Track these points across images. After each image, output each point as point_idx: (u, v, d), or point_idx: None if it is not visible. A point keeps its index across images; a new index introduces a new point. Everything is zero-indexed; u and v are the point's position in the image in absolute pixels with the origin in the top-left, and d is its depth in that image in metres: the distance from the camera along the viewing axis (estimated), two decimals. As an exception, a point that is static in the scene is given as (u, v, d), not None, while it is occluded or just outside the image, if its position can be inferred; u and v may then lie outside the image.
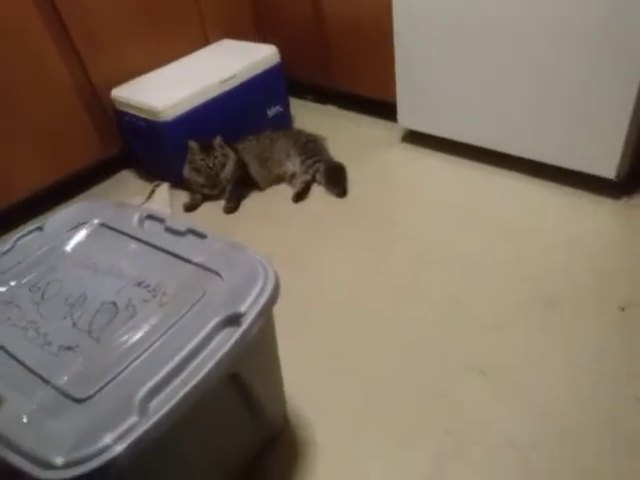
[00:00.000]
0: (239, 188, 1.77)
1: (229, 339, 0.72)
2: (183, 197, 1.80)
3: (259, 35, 2.27)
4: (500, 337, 1.18)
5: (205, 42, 2.12)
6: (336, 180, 1.73)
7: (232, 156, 1.75)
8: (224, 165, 1.73)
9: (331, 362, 1.19)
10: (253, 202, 1.76)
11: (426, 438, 1.01)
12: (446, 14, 1.53)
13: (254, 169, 1.79)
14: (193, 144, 1.69)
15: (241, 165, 1.77)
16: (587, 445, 0.96)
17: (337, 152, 1.86)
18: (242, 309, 0.75)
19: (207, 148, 1.70)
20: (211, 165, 1.70)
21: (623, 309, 1.19)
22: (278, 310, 0.83)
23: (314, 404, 1.09)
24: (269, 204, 1.75)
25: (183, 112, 1.68)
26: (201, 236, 0.90)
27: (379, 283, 1.37)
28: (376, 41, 1.83)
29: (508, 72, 1.50)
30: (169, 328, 0.75)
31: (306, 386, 1.12)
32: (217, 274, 0.82)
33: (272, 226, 1.64)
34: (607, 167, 1.45)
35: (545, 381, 1.08)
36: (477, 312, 1.24)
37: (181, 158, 1.73)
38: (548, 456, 0.96)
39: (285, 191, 1.77)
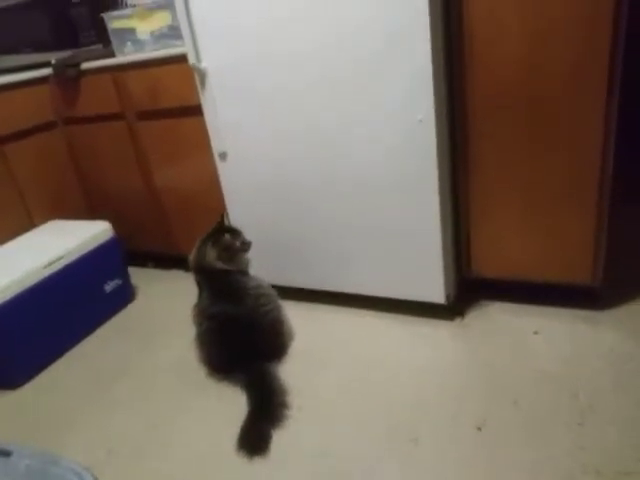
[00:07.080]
0: None
1: None
2: (8, 395, 1.55)
3: (92, 212, 2.24)
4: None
5: (31, 225, 2.03)
6: None
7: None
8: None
9: None
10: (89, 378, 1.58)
11: None
12: (264, 182, 1.69)
13: None
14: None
15: None
16: None
17: (185, 315, 1.80)
18: None
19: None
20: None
21: (479, 428, 1.22)
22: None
23: None
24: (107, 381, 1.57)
25: (1, 302, 1.51)
26: (5, 454, 0.75)
27: (235, 458, 1.25)
28: (210, 207, 1.91)
29: (331, 222, 1.65)
30: None
31: None
32: (23, 502, 0.67)
33: (115, 410, 1.46)
34: (436, 294, 1.59)
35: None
36: (348, 460, 1.18)
37: (4, 350, 1.53)
38: None
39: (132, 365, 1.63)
